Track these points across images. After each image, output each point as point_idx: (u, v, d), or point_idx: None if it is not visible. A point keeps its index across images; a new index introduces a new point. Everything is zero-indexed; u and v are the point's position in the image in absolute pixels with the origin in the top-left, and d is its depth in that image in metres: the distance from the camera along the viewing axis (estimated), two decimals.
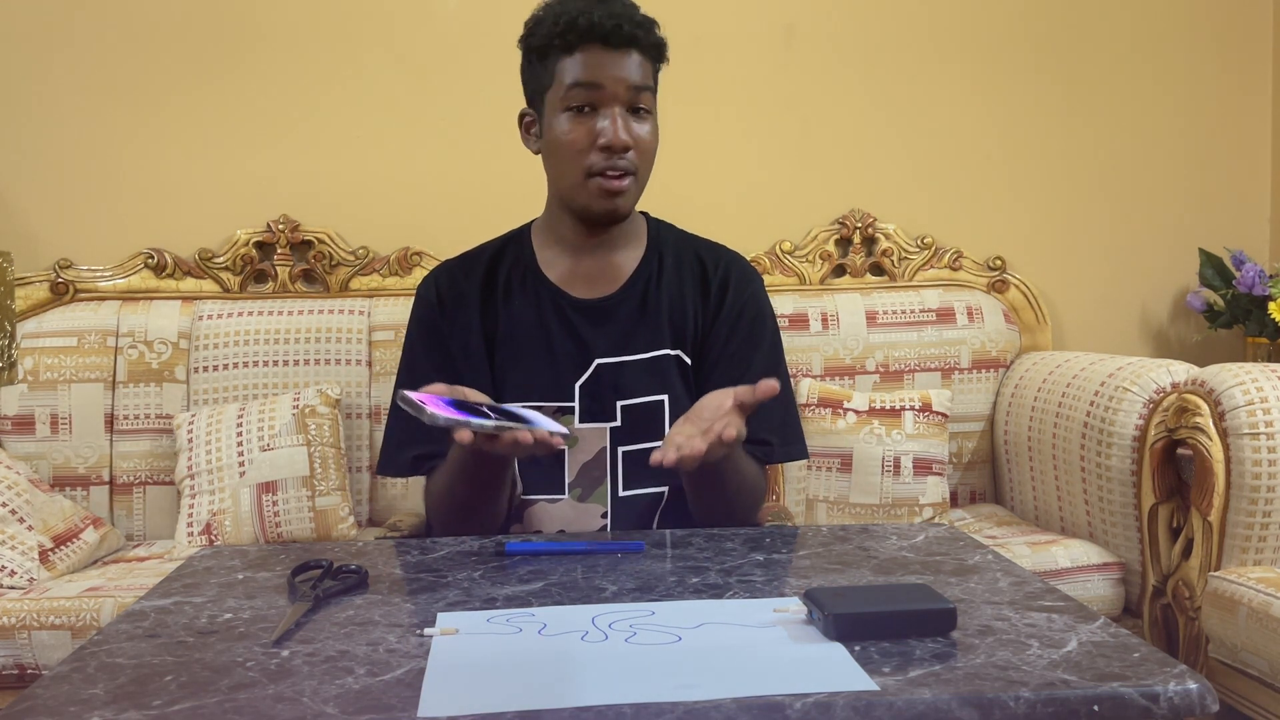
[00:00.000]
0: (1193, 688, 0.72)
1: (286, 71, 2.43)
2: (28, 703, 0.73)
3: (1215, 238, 2.59)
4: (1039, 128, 2.60)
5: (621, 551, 1.10)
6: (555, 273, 1.36)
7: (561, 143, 1.27)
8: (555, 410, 1.32)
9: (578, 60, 1.25)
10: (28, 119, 2.38)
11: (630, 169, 1.27)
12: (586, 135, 1.26)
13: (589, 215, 1.31)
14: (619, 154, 1.25)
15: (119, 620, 0.91)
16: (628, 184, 1.27)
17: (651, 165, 1.31)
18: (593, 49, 1.25)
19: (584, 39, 1.25)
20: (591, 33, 1.24)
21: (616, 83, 1.25)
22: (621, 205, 1.29)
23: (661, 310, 1.35)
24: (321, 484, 2.05)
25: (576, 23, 1.24)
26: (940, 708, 0.70)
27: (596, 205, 1.29)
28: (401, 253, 2.44)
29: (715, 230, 1.47)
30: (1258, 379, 1.73)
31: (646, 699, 0.71)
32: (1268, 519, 1.69)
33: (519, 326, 1.35)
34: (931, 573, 1.01)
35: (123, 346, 2.24)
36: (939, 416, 2.19)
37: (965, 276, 2.54)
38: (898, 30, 2.56)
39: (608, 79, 1.25)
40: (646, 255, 1.38)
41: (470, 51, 2.45)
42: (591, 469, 1.33)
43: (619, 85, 1.25)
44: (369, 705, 0.72)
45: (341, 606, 0.93)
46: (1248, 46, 2.66)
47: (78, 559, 1.97)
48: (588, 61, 1.25)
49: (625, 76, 1.25)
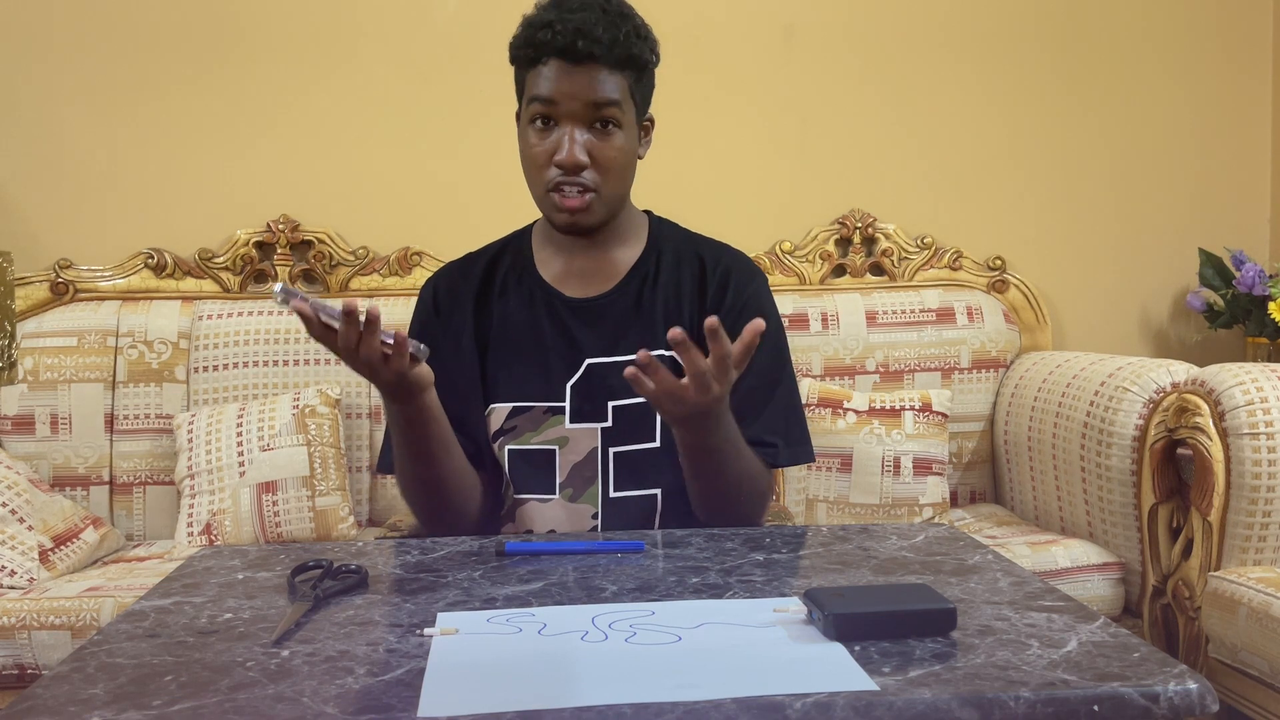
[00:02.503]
0: (1193, 688, 0.72)
1: (286, 72, 2.43)
2: (28, 703, 0.73)
3: (1215, 238, 2.59)
4: (1039, 128, 2.60)
5: (622, 551, 1.10)
6: (550, 272, 1.35)
7: (525, 156, 1.28)
8: (545, 411, 1.31)
9: (540, 73, 1.24)
10: (28, 119, 2.38)
11: (589, 185, 1.25)
12: (544, 151, 1.25)
13: (555, 226, 1.30)
14: (573, 172, 1.24)
15: (119, 620, 0.90)
16: (586, 200, 1.25)
17: (621, 178, 1.28)
18: (554, 63, 1.23)
19: (542, 53, 1.23)
20: (549, 46, 1.22)
21: (572, 100, 1.22)
22: (581, 220, 1.27)
23: (656, 310, 1.34)
24: (321, 484, 2.05)
25: (536, 36, 1.23)
26: (940, 708, 0.70)
27: (556, 219, 1.28)
28: (401, 253, 2.44)
29: (715, 230, 1.47)
30: (1258, 379, 1.73)
31: (646, 699, 0.71)
32: (1268, 519, 1.69)
33: (511, 326, 1.34)
34: (931, 573, 1.01)
35: (123, 346, 2.24)
36: (939, 416, 2.19)
37: (965, 276, 2.54)
38: (898, 30, 2.56)
39: (563, 95, 1.22)
40: (644, 254, 1.36)
41: (470, 52, 2.45)
42: (583, 469, 1.32)
43: (574, 102, 1.22)
44: (369, 705, 0.72)
45: (341, 606, 0.93)
46: (1248, 47, 2.66)
47: (78, 559, 1.97)
48: (548, 75, 1.23)
49: (583, 92, 1.22)
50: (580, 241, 1.34)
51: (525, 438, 1.32)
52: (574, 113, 1.23)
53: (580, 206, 1.25)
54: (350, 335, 1.07)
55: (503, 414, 1.33)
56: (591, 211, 1.27)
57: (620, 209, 1.33)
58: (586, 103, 1.23)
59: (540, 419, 1.32)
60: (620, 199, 1.31)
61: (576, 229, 1.29)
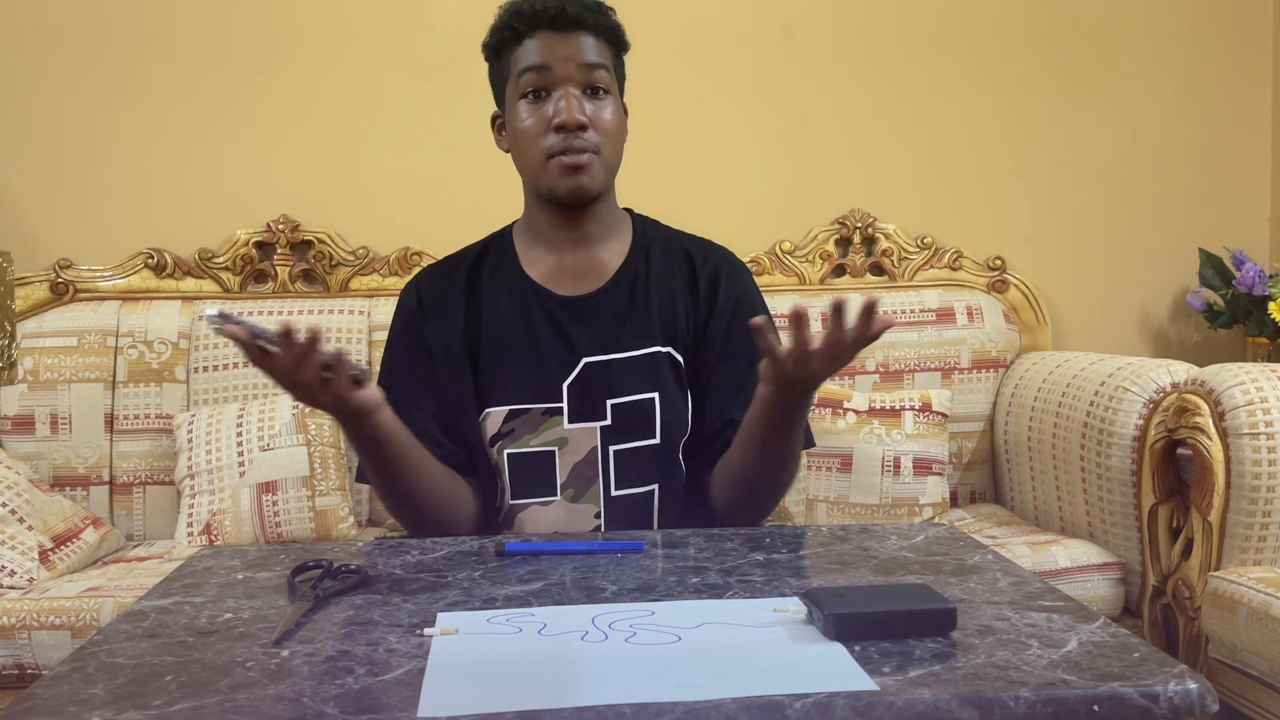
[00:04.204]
0: (1193, 688, 0.72)
1: (286, 72, 2.43)
2: (28, 703, 0.73)
3: (1215, 238, 2.59)
4: (1039, 128, 2.60)
5: (621, 551, 1.10)
6: (538, 271, 1.34)
7: (520, 130, 1.27)
8: (543, 413, 1.31)
9: (527, 47, 1.26)
10: (28, 119, 2.38)
11: (590, 147, 1.25)
12: (542, 119, 1.25)
13: (556, 198, 1.28)
14: (574, 133, 1.24)
15: (119, 620, 0.90)
16: (587, 159, 1.25)
17: (618, 146, 1.30)
18: (541, 34, 1.25)
19: (531, 25, 1.26)
20: (538, 18, 1.25)
21: (566, 62, 1.25)
22: (586, 183, 1.26)
23: (651, 306, 1.33)
24: (321, 484, 2.05)
25: (521, 11, 1.26)
26: (940, 708, 0.70)
27: (560, 186, 1.26)
28: (401, 253, 2.44)
29: (715, 230, 1.47)
30: (1258, 379, 1.73)
31: (646, 699, 0.71)
32: (1268, 519, 1.69)
33: (503, 327, 1.32)
34: (931, 573, 1.01)
35: (123, 346, 2.24)
36: (939, 416, 2.19)
37: (965, 276, 2.54)
38: (897, 30, 2.56)
39: (557, 60, 1.25)
40: (633, 251, 1.36)
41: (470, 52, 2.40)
42: (583, 469, 1.31)
43: (569, 65, 1.25)
44: (369, 705, 0.72)
45: (341, 606, 0.93)
46: (1248, 47, 2.66)
47: (78, 559, 1.97)
48: (537, 45, 1.25)
49: (575, 55, 1.25)
50: (569, 237, 1.33)
51: (524, 440, 1.31)
52: (568, 76, 1.25)
53: (584, 165, 1.25)
54: (288, 358, 1.03)
55: (499, 418, 1.31)
56: (593, 173, 1.26)
57: (612, 184, 1.33)
58: (580, 64, 1.25)
59: (538, 420, 1.31)
60: (614, 169, 1.31)
61: (580, 194, 1.27)
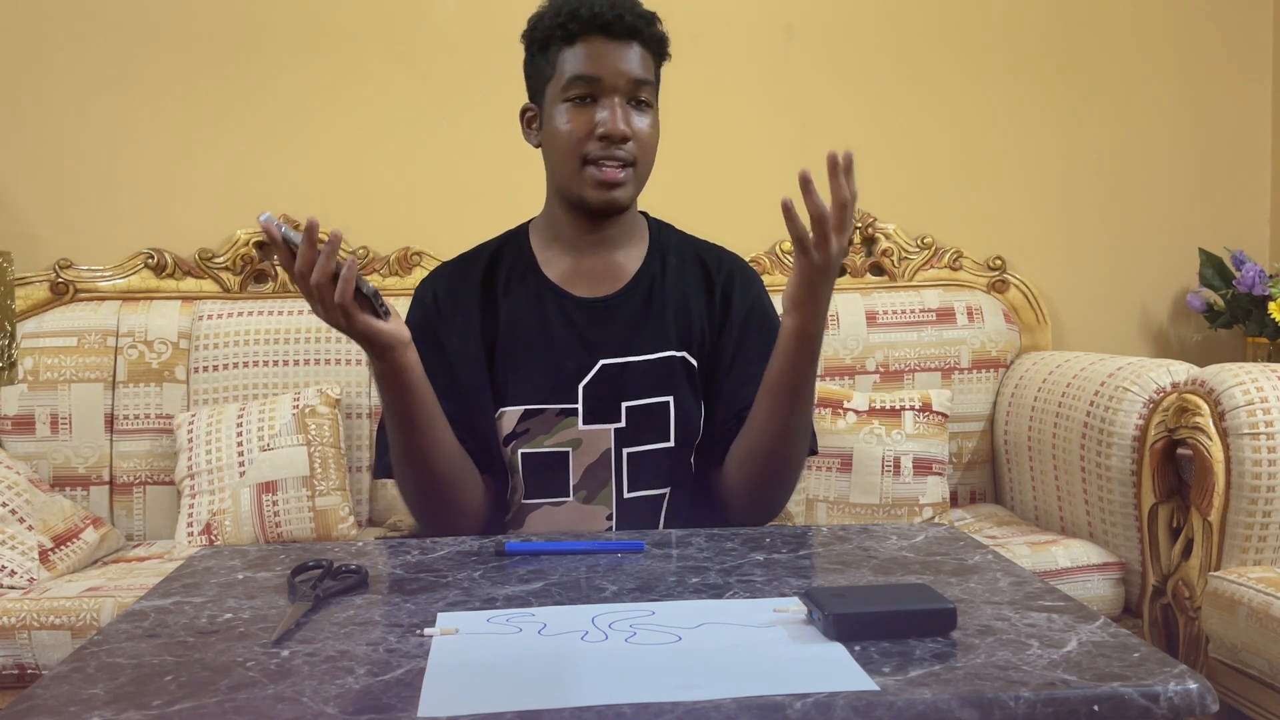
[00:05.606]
0: (1193, 688, 0.72)
1: (287, 71, 2.43)
2: (28, 703, 0.73)
3: (1215, 238, 2.59)
4: (1039, 128, 2.60)
5: (621, 551, 1.10)
6: (555, 272, 1.34)
7: (560, 133, 1.26)
8: (558, 413, 1.31)
9: (578, 51, 1.25)
10: (28, 119, 2.38)
11: (629, 160, 1.26)
12: (585, 125, 1.25)
13: (585, 206, 1.28)
14: (617, 144, 1.24)
15: (119, 620, 0.90)
16: (625, 175, 1.26)
17: (652, 160, 1.30)
18: (594, 40, 1.24)
19: (585, 29, 1.24)
20: (592, 23, 1.24)
21: (617, 75, 1.24)
22: (619, 197, 1.27)
23: (667, 311, 1.33)
24: (321, 484, 2.05)
25: (578, 13, 1.24)
26: (940, 708, 0.70)
27: (593, 196, 1.26)
28: (401, 253, 2.44)
29: (715, 230, 1.47)
30: (1258, 379, 1.73)
31: (646, 699, 0.71)
32: (1268, 519, 1.69)
33: (519, 326, 1.32)
34: (931, 573, 1.01)
35: (123, 346, 2.24)
36: (939, 416, 2.19)
37: (965, 276, 2.54)
38: (897, 30, 2.56)
39: (608, 70, 1.24)
40: (650, 255, 1.36)
41: (470, 52, 2.45)
42: (596, 471, 1.31)
43: (619, 77, 1.24)
44: (369, 705, 0.72)
45: (341, 606, 0.93)
46: (1248, 47, 2.66)
47: (78, 559, 1.97)
48: (588, 52, 1.24)
49: (626, 68, 1.25)
50: (589, 240, 1.33)
51: (538, 440, 1.31)
52: (617, 88, 1.25)
53: (621, 180, 1.26)
54: (308, 257, 1.07)
55: (514, 417, 1.31)
56: (626, 187, 1.27)
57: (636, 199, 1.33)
58: (630, 79, 1.25)
59: (553, 421, 1.31)
60: (645, 181, 1.31)
61: (610, 206, 1.28)
